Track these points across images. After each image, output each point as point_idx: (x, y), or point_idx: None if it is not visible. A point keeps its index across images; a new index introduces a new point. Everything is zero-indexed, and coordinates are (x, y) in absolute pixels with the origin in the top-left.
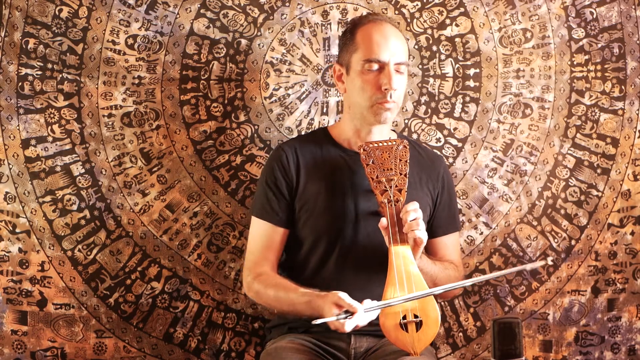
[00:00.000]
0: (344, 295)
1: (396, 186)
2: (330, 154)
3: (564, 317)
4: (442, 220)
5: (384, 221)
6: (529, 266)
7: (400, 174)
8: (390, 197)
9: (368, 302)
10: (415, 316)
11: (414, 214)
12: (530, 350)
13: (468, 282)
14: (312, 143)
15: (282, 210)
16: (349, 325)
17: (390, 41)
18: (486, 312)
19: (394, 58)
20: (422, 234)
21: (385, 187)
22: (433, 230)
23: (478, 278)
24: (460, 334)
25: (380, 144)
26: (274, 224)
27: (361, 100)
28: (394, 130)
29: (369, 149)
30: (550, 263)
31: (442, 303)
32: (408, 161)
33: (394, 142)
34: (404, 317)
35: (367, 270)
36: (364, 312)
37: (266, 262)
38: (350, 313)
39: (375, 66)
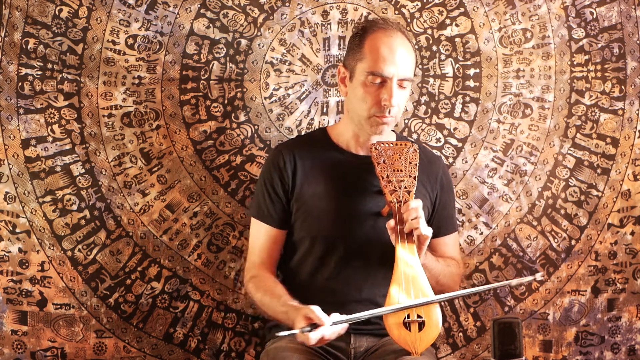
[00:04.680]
0: (315, 309)
1: (405, 187)
2: (328, 156)
3: (564, 317)
4: (441, 221)
5: (391, 222)
6: (514, 281)
7: (410, 177)
8: (399, 197)
9: (336, 316)
10: (419, 316)
11: (415, 212)
12: (530, 350)
13: (461, 293)
14: (310, 144)
15: (277, 212)
16: (313, 338)
17: (397, 55)
18: (486, 312)
19: (398, 74)
20: (425, 230)
21: (395, 187)
22: (433, 231)
23: (467, 290)
24: (460, 334)
25: (392, 145)
26: (271, 225)
27: (360, 110)
28: (393, 131)
29: (381, 148)
30: (539, 278)
31: (442, 303)
32: (417, 164)
33: (405, 145)
34: (408, 316)
35: (366, 271)
36: (331, 326)
37: (263, 263)
38: (316, 326)
39: (378, 80)
